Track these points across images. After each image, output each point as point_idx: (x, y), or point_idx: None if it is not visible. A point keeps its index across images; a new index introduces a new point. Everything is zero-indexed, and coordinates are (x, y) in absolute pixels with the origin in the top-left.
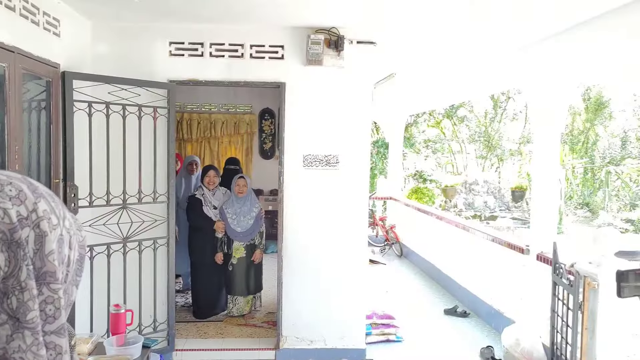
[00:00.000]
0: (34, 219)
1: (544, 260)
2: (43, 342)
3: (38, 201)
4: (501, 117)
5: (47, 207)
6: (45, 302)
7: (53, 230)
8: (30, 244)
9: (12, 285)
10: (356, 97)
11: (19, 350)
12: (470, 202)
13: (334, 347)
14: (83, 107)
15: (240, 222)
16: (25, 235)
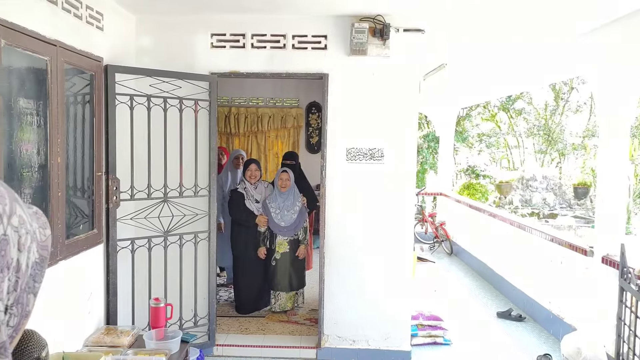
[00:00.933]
0: None
1: (610, 263)
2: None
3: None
4: (563, 109)
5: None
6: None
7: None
8: None
9: None
10: (402, 88)
11: None
12: (527, 199)
13: (377, 348)
14: (125, 101)
15: (283, 216)
16: None
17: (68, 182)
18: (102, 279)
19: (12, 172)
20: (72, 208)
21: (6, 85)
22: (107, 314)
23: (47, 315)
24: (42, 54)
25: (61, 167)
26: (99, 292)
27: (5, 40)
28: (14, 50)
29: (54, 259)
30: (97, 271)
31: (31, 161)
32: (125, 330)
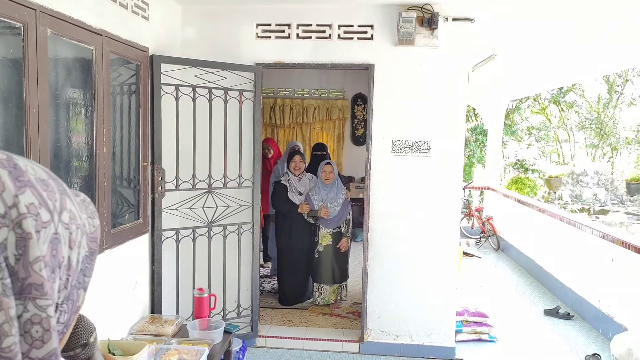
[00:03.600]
0: (13, 216)
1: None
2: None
3: (21, 192)
4: (617, 102)
5: (35, 200)
6: (31, 322)
7: (42, 229)
8: (9, 248)
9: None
10: (450, 79)
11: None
12: (577, 195)
13: (421, 344)
14: (170, 91)
15: (327, 208)
16: (2, 238)
17: (114, 172)
18: (147, 268)
19: (59, 162)
20: (118, 198)
21: (53, 74)
22: (151, 302)
23: (93, 303)
24: (88, 43)
25: (107, 157)
26: (144, 281)
27: (51, 29)
28: (61, 40)
29: (100, 248)
30: (142, 260)
31: (77, 151)
32: (169, 319)
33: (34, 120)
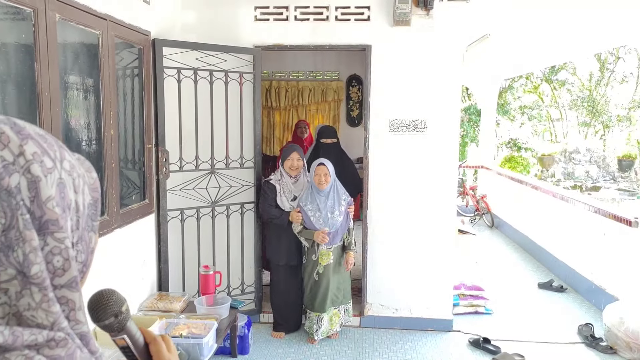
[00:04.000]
0: (22, 163)
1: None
2: (54, 297)
3: (24, 143)
4: (608, 79)
5: (37, 149)
6: (52, 254)
7: (48, 174)
8: (23, 191)
9: (14, 237)
10: (446, 59)
11: (29, 308)
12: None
13: (419, 317)
14: (172, 74)
15: (326, 220)
16: (15, 182)
17: (120, 154)
18: (154, 247)
19: (69, 144)
20: (124, 179)
21: (62, 59)
22: (159, 280)
23: (104, 280)
24: (94, 28)
25: (114, 139)
26: (151, 260)
27: (60, 14)
28: (68, 25)
29: (109, 227)
30: (149, 240)
31: (86, 134)
32: (176, 296)
33: (46, 103)
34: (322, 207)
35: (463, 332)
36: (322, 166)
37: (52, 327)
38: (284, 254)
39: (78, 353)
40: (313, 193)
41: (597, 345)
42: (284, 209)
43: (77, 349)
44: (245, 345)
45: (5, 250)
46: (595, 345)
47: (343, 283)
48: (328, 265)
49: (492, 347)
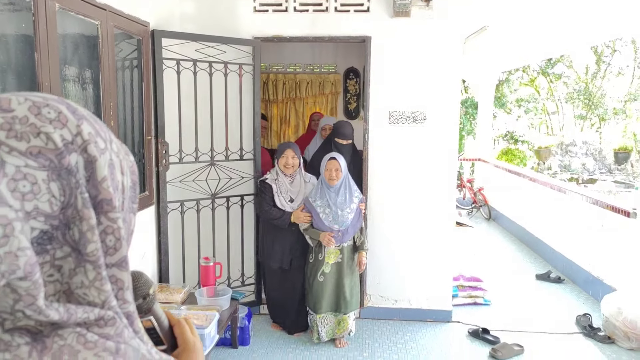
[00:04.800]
0: (79, 143)
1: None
2: (106, 276)
3: (80, 123)
4: (605, 72)
5: (92, 130)
6: (105, 233)
7: (102, 154)
8: (80, 170)
9: (72, 215)
10: (445, 50)
11: (82, 286)
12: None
13: (419, 308)
14: (172, 65)
15: (336, 217)
16: (74, 161)
17: None
18: (154, 239)
19: None
20: None
21: (62, 50)
22: (159, 272)
23: None
24: (93, 18)
25: (113, 131)
26: (152, 252)
27: (59, 4)
28: (68, 15)
29: None
30: (149, 231)
31: None
32: (177, 287)
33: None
34: (332, 204)
35: (462, 322)
36: (333, 161)
37: (102, 306)
38: (278, 257)
39: (126, 332)
40: (323, 188)
41: (595, 335)
42: (284, 209)
43: (125, 328)
44: (245, 336)
45: (62, 228)
46: (593, 335)
47: (355, 287)
48: (335, 264)
49: (491, 337)
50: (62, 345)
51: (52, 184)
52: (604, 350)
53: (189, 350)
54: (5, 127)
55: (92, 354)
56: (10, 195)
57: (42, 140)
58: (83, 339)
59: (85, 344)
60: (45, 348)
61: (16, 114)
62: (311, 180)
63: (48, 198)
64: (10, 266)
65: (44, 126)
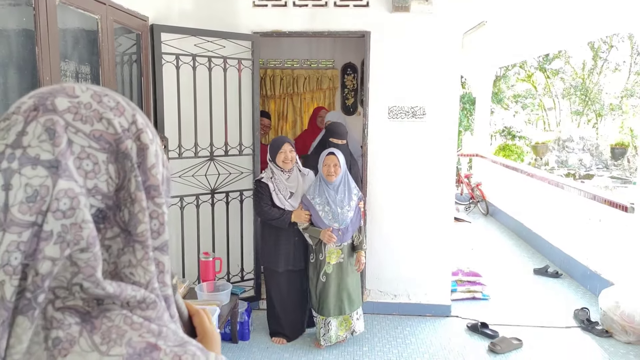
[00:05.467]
0: (134, 131)
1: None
2: (153, 257)
3: (135, 113)
4: (601, 68)
5: (144, 120)
6: (151, 217)
7: (151, 144)
8: (133, 157)
9: (123, 197)
10: (444, 44)
11: (129, 265)
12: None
13: (418, 302)
14: (171, 60)
15: (336, 215)
16: (130, 146)
17: None
18: None
19: None
20: None
21: (62, 44)
22: None
23: None
24: (93, 12)
25: None
26: None
27: None
28: (68, 9)
29: None
30: None
31: None
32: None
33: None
34: (332, 201)
35: (461, 317)
36: (332, 156)
37: (147, 286)
38: (282, 259)
39: (165, 315)
40: (321, 185)
41: (593, 329)
42: (284, 207)
43: (165, 312)
44: (245, 331)
45: (114, 209)
46: (591, 329)
47: (356, 287)
48: (337, 265)
49: (490, 331)
50: (110, 326)
51: (110, 166)
52: (602, 343)
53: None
54: (72, 111)
55: (137, 335)
56: (76, 172)
57: (104, 125)
58: (130, 320)
59: (131, 325)
60: (95, 328)
61: (81, 100)
62: (309, 173)
63: (106, 178)
64: (75, 237)
65: (105, 112)
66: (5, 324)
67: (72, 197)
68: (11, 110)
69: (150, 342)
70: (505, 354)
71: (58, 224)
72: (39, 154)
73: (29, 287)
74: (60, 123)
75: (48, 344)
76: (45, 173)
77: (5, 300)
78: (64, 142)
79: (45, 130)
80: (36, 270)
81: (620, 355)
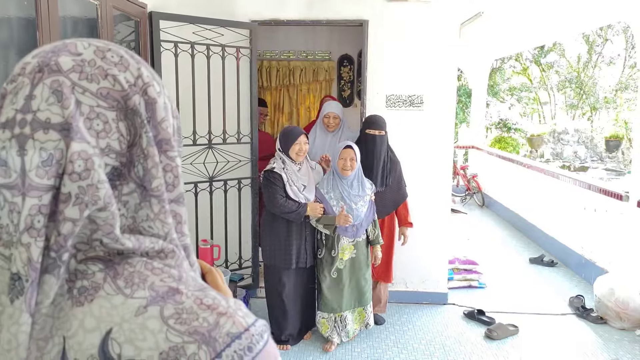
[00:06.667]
0: (140, 85)
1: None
2: (169, 209)
3: (140, 66)
4: (596, 62)
5: (149, 74)
6: (165, 171)
7: (159, 96)
8: (142, 112)
9: (136, 153)
10: (442, 33)
11: (147, 219)
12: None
13: (415, 290)
14: (169, 47)
15: (350, 211)
16: (138, 102)
17: None
18: None
19: None
20: None
21: (62, 31)
22: None
23: None
24: None
25: None
26: None
27: None
28: None
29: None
30: None
31: None
32: None
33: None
34: (346, 196)
35: (458, 305)
36: (349, 149)
37: (165, 238)
38: (294, 255)
39: (185, 263)
40: (335, 180)
41: (588, 315)
42: (298, 200)
43: (184, 260)
44: None
45: (128, 166)
46: (586, 315)
47: (368, 281)
48: (350, 260)
49: (487, 318)
50: (132, 271)
51: (121, 124)
52: (597, 330)
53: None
54: (77, 70)
55: (159, 279)
56: (87, 133)
57: (110, 82)
58: (150, 266)
59: (152, 270)
60: (118, 274)
61: (84, 57)
62: (316, 167)
63: (117, 137)
64: (93, 197)
65: (110, 69)
66: (34, 284)
67: (85, 158)
68: (16, 71)
69: (172, 286)
70: (501, 340)
71: (75, 185)
72: (49, 117)
73: (53, 247)
74: (66, 84)
75: (73, 293)
76: (57, 136)
77: (33, 262)
78: (72, 103)
79: (53, 92)
80: (58, 231)
81: (614, 341)
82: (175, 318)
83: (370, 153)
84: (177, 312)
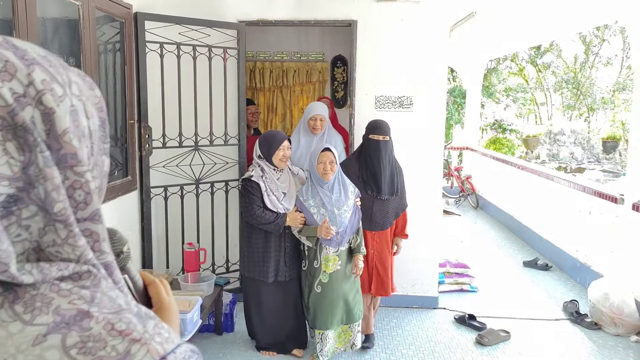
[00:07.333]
0: (33, 94)
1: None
2: (79, 232)
3: (32, 71)
4: (593, 62)
5: (46, 76)
6: (73, 188)
7: (60, 103)
8: (38, 125)
9: (35, 173)
10: (431, 34)
11: (54, 244)
12: (554, 153)
13: (405, 294)
14: (155, 48)
15: (333, 217)
16: (30, 116)
17: None
18: (137, 225)
19: None
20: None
21: (42, 33)
22: (142, 258)
23: None
24: None
25: None
26: (135, 238)
27: None
28: None
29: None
30: (132, 217)
31: None
32: (160, 274)
33: None
34: (327, 202)
35: (448, 309)
36: (327, 152)
37: (78, 260)
38: (272, 268)
39: (104, 283)
40: (314, 186)
41: (582, 321)
42: (277, 210)
43: (103, 279)
44: (229, 322)
45: (27, 188)
46: (580, 321)
47: (357, 294)
48: (334, 273)
49: (478, 323)
50: (34, 294)
51: (8, 144)
52: (591, 336)
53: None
54: None
55: (67, 302)
56: None
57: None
58: (57, 288)
59: (59, 292)
60: (17, 297)
61: None
62: (299, 172)
63: (6, 160)
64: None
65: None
66: None
67: None
68: None
69: (82, 308)
70: (492, 346)
71: None
72: None
73: None
74: None
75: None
76: None
77: None
78: None
79: None
80: None
81: (608, 348)
82: (79, 347)
83: (376, 160)
84: (82, 340)
